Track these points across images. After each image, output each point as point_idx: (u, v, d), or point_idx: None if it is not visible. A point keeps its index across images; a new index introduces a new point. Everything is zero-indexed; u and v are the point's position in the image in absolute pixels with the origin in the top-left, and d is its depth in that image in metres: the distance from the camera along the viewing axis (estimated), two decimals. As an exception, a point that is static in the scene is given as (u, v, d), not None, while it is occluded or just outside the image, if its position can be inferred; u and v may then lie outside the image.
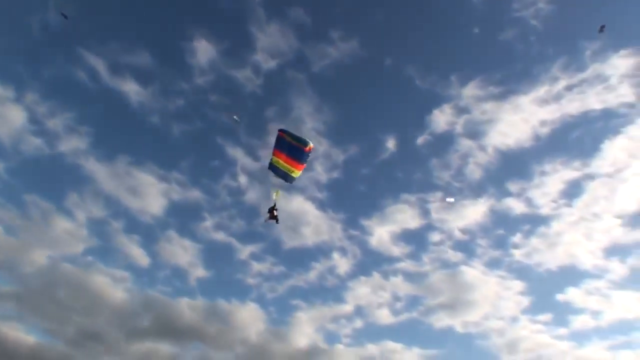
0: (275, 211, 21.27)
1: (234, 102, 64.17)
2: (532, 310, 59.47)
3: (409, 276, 61.88)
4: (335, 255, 58.09)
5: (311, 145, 19.53)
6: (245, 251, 60.14)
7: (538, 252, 61.23)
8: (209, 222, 60.43)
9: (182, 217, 61.19)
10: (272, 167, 20.02)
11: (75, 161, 54.07)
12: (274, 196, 21.25)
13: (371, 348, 54.61)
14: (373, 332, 57.96)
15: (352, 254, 61.16)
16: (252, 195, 62.46)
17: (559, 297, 60.06)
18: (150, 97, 60.56)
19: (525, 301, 58.77)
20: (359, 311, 57.87)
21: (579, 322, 58.26)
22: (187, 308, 53.79)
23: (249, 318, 55.63)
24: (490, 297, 59.31)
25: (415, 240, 64.51)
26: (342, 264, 59.57)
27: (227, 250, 61.03)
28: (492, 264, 62.19)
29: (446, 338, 60.01)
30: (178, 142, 64.23)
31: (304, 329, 55.85)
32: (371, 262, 63.35)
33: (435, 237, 62.16)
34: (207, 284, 57.32)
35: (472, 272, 59.86)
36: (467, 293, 59.92)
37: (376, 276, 60.12)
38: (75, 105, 55.20)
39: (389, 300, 58.94)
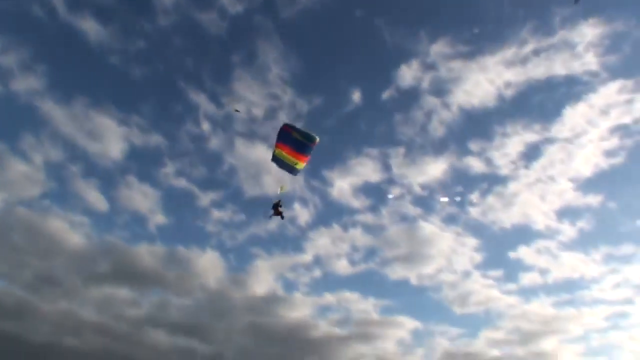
0: (280, 207, 20.86)
1: (198, 46, 62.14)
2: (484, 265, 62.39)
3: (368, 228, 63.43)
4: (296, 206, 58.73)
5: (318, 139, 19.28)
6: (205, 198, 60.05)
7: (494, 211, 63.60)
8: (169, 168, 59.78)
9: (142, 162, 60.15)
10: (275, 159, 19.55)
11: (31, 101, 53.11)
12: (279, 191, 20.87)
13: (328, 297, 56.47)
14: (331, 282, 59.70)
15: (312, 205, 61.95)
16: (214, 142, 61.67)
17: (511, 254, 63.07)
18: (111, 36, 58.42)
19: (478, 257, 61.54)
20: (318, 261, 59.36)
21: (528, 279, 61.54)
22: (147, 254, 53.92)
23: (209, 265, 56.29)
24: (445, 252, 61.73)
25: (375, 193, 65.75)
26: (303, 214, 60.43)
27: (188, 197, 60.80)
28: (449, 220, 64.30)
29: (401, 289, 62.43)
30: (139, 85, 62.45)
31: (263, 277, 57.02)
32: (331, 213, 64.42)
33: (395, 191, 63.47)
34: (166, 231, 57.34)
35: (429, 227, 61.86)
36: (423, 247, 62.06)
37: (336, 227, 61.48)
38: (30, 42, 54.36)
39: (347, 251, 60.58)
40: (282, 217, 20.91)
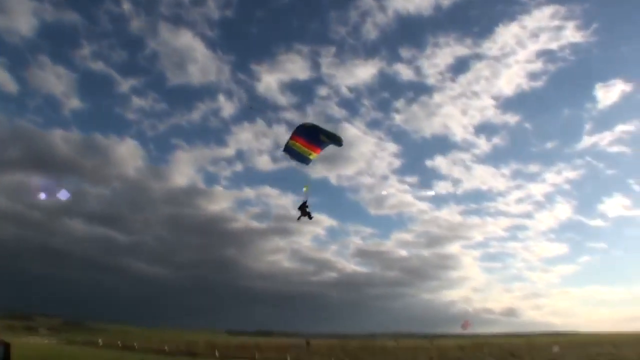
0: (307, 207, 20.36)
1: None
2: (402, 171, 63.16)
3: (293, 126, 62.22)
4: (221, 98, 56.40)
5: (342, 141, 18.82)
6: (125, 84, 57.16)
7: (417, 120, 64.09)
8: (86, 50, 56.34)
9: (56, 42, 56.17)
10: (288, 149, 19.06)
11: None
12: (304, 190, 20.66)
13: (249, 192, 56.18)
14: (252, 177, 58.95)
15: (238, 98, 59.76)
16: (136, 25, 58.04)
17: (427, 162, 64.41)
18: None
19: (397, 163, 62.26)
20: (240, 155, 58.13)
21: (440, 187, 63.15)
22: (61, 140, 50.82)
23: (127, 154, 53.90)
24: (366, 156, 62.24)
25: (303, 91, 64.45)
26: (227, 107, 58.38)
27: (106, 82, 57.61)
28: (373, 125, 63.71)
29: (320, 188, 62.49)
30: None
31: (184, 169, 55.30)
32: (256, 108, 63.46)
33: (322, 91, 62.24)
34: (82, 116, 54.39)
35: (353, 130, 61.84)
36: (345, 149, 61.40)
37: (260, 123, 60.04)
38: None
39: (269, 148, 59.91)
40: (310, 218, 20.25)
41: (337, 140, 18.56)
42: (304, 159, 19.29)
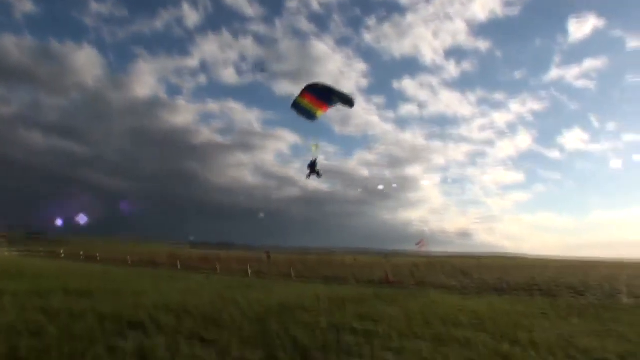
0: (316, 166, 19.96)
1: None
2: (369, 91, 63.14)
3: (260, 39, 60.84)
4: (185, 5, 53.95)
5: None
6: None
7: (387, 39, 63.03)
8: None
9: None
10: (296, 105, 18.37)
11: None
12: (313, 149, 20.30)
13: (212, 105, 54.95)
14: (216, 90, 57.79)
15: (203, 6, 57.42)
16: None
17: (395, 84, 64.12)
18: None
19: (365, 82, 61.93)
20: (204, 67, 56.62)
21: (406, 109, 63.59)
22: (13, 47, 48.45)
23: (86, 63, 51.92)
24: (334, 74, 61.80)
25: (271, 2, 62.37)
26: (192, 16, 56.11)
27: None
28: (342, 42, 62.81)
29: (285, 104, 62.53)
30: None
31: (145, 80, 53.81)
32: (222, 17, 60.61)
33: (292, 3, 60.49)
34: (36, 21, 51.47)
35: (321, 47, 60.65)
36: (313, 65, 61.57)
37: (226, 34, 57.96)
38: None
39: (235, 61, 58.11)
40: (319, 176, 19.98)
41: (349, 102, 18.10)
42: (310, 116, 18.81)
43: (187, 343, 9.62)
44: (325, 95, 17.99)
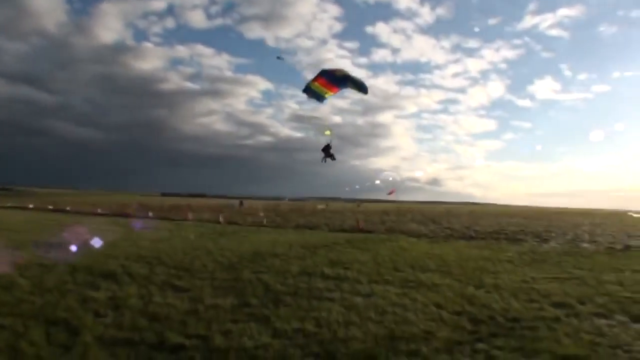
0: (330, 149, 20.31)
1: None
2: (342, 36, 62.60)
3: None
4: None
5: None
6: None
7: None
8: None
9: None
10: (307, 90, 18.24)
11: None
12: (327, 133, 20.60)
13: (181, 50, 53.65)
14: (185, 34, 56.29)
15: None
16: None
17: (368, 29, 63.73)
18: None
19: (338, 26, 61.25)
20: (171, 10, 54.97)
21: (379, 55, 63.56)
22: None
23: (46, 5, 49.46)
24: (306, 17, 60.92)
25: None
26: None
27: None
28: None
29: (257, 49, 61.62)
30: None
31: (110, 24, 51.92)
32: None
33: None
34: None
35: None
36: (283, 8, 60.57)
37: None
38: None
39: (204, 3, 56.42)
40: (334, 159, 20.33)
41: (363, 89, 17.97)
42: (319, 97, 18.79)
43: (159, 291, 9.67)
44: (339, 80, 17.90)
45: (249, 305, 8.74)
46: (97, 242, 16.71)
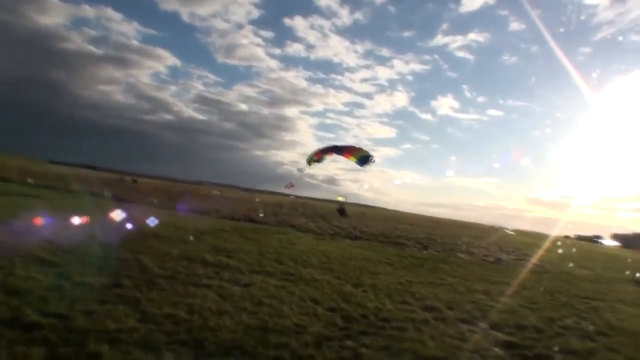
0: (344, 209, 28.84)
1: None
2: (259, 23, 63.03)
3: None
4: None
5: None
6: None
7: None
8: None
9: None
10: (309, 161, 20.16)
11: None
12: (340, 199, 28.84)
13: (88, 10, 51.47)
14: None
15: None
16: None
17: (286, 20, 65.13)
18: None
19: (256, 13, 61.54)
20: None
21: (294, 48, 65.18)
22: None
23: None
24: None
25: None
26: None
27: None
28: None
29: (170, 22, 59.94)
30: None
31: None
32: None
33: None
34: None
35: None
36: None
37: None
38: None
39: None
40: (347, 216, 29.26)
41: (364, 162, 19.85)
42: (309, 161, 20.32)
43: (23, 264, 8.84)
44: (337, 150, 18.45)
45: (121, 286, 8.27)
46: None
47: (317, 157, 19.97)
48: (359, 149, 18.56)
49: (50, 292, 7.32)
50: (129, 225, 16.75)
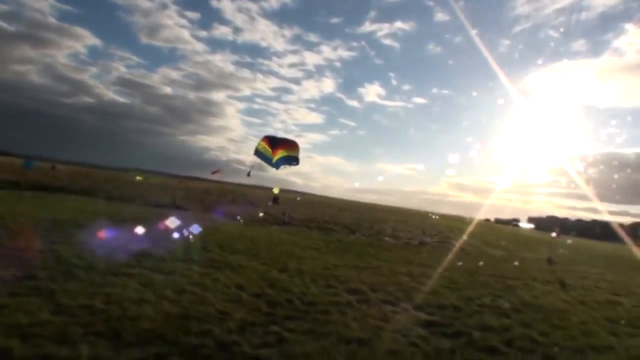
0: (278, 199, 29.85)
1: None
2: (184, 3, 61.82)
3: None
4: None
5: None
6: None
7: None
8: None
9: None
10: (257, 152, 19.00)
11: None
12: (275, 191, 29.41)
13: None
14: None
15: None
16: None
17: (213, 2, 64.16)
18: None
19: None
20: None
21: (220, 31, 64.71)
22: None
23: None
24: None
25: None
26: None
27: None
28: None
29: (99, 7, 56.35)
30: None
31: None
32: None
33: None
34: None
35: None
36: None
37: None
38: None
39: None
40: (279, 203, 30.21)
41: (293, 161, 18.77)
42: (267, 160, 18.92)
43: None
44: (278, 143, 18.21)
45: (35, 277, 7.84)
46: None
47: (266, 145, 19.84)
48: (295, 148, 18.53)
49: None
50: (45, 214, 15.91)
